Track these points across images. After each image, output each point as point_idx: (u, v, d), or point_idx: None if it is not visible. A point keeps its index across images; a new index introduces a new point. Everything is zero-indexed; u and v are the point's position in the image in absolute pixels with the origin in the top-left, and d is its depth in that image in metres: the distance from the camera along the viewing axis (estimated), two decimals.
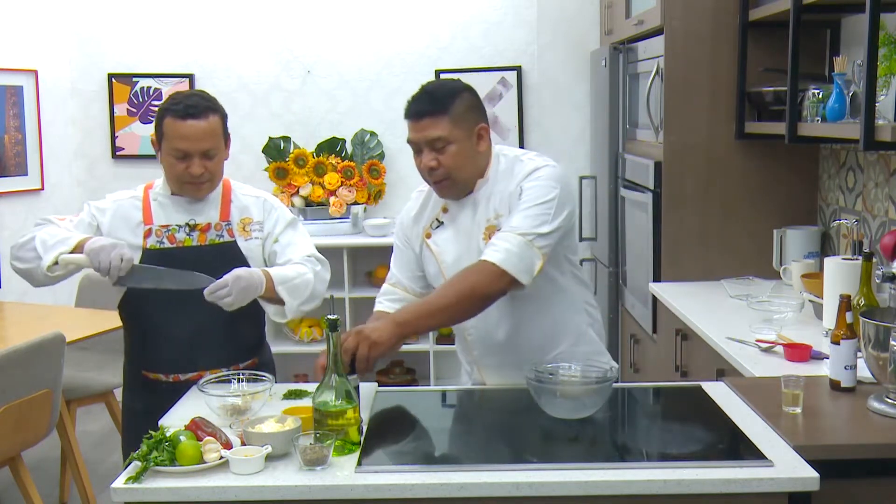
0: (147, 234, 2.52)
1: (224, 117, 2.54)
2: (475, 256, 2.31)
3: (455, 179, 2.35)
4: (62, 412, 3.65)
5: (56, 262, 2.35)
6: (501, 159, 2.43)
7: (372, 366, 2.15)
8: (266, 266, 2.56)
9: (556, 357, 2.36)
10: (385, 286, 2.56)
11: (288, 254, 2.57)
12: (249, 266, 2.49)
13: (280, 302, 2.48)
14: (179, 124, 2.43)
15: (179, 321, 2.50)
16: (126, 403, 2.67)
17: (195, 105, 2.45)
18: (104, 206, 2.56)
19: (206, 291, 2.34)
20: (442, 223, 2.45)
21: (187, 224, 2.53)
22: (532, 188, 2.31)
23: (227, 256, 2.49)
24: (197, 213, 2.55)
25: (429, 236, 2.47)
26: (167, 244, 2.51)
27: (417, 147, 2.35)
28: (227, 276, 2.35)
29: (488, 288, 2.23)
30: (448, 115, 2.29)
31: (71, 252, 2.35)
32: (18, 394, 3.18)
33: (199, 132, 2.44)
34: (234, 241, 2.54)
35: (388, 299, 2.52)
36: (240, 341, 2.58)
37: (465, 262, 2.32)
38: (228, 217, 2.56)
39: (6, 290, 4.79)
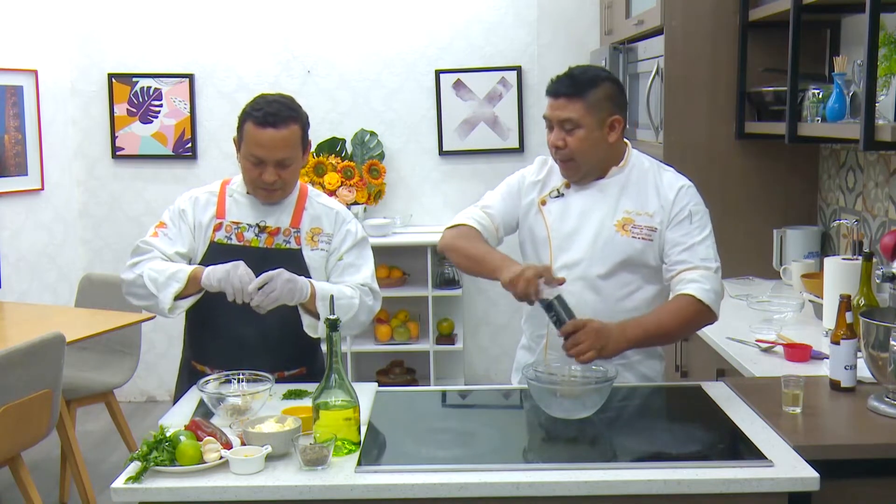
0: (217, 228, 2.52)
1: (304, 125, 2.50)
2: (594, 238, 2.40)
3: (579, 163, 2.41)
4: (62, 412, 3.64)
5: (175, 301, 2.40)
6: (643, 157, 2.50)
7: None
8: (328, 279, 2.54)
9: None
10: (478, 211, 2.53)
11: (346, 276, 2.53)
12: (309, 275, 2.47)
13: (318, 316, 2.43)
14: (258, 131, 2.41)
15: (232, 315, 2.44)
16: (176, 393, 2.65)
17: (276, 113, 2.41)
18: (184, 202, 2.56)
19: (251, 286, 2.28)
20: (562, 195, 2.48)
21: (257, 225, 2.52)
22: (700, 213, 2.42)
23: (289, 263, 2.44)
24: (268, 215, 2.53)
25: (544, 203, 2.49)
26: (234, 241, 2.51)
27: (550, 124, 2.42)
28: (274, 272, 2.32)
29: (701, 324, 2.44)
30: (583, 100, 2.36)
31: (185, 284, 2.38)
32: (18, 394, 3.18)
33: (277, 141, 2.41)
34: (300, 250, 2.52)
35: (478, 223, 2.50)
36: (289, 349, 2.52)
37: (580, 239, 2.41)
38: (299, 224, 2.54)
39: (6, 290, 4.79)
